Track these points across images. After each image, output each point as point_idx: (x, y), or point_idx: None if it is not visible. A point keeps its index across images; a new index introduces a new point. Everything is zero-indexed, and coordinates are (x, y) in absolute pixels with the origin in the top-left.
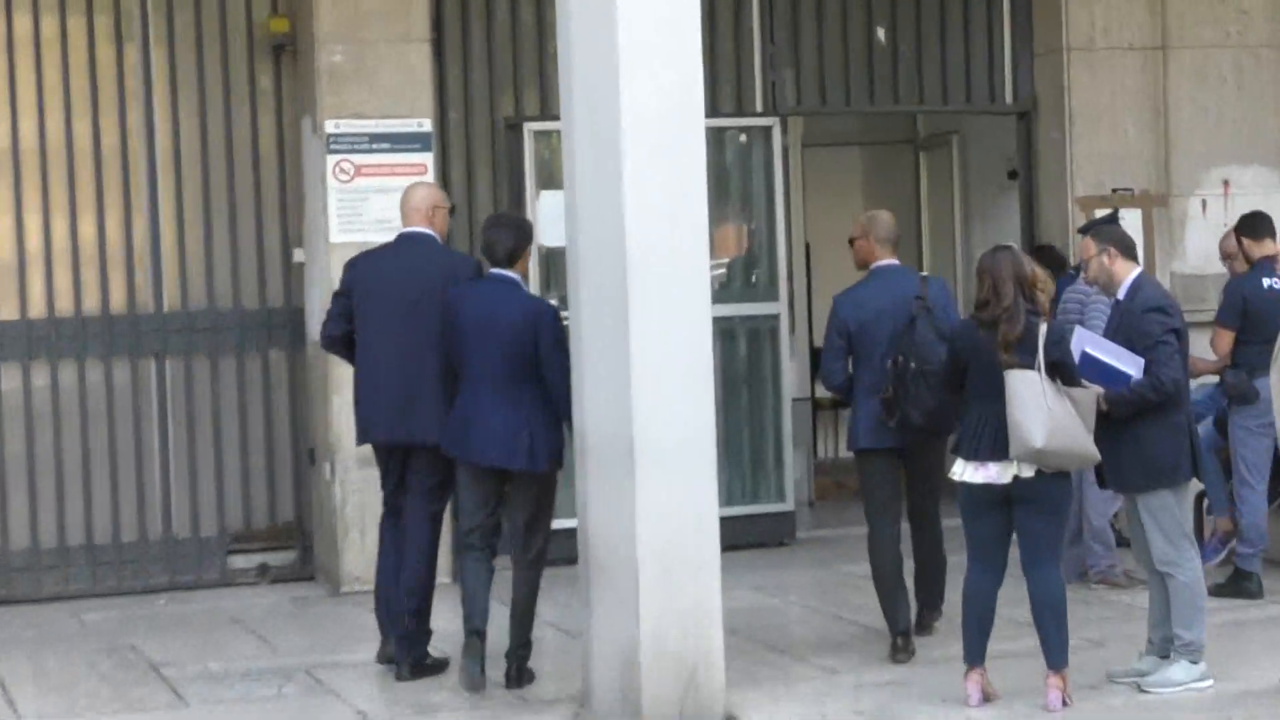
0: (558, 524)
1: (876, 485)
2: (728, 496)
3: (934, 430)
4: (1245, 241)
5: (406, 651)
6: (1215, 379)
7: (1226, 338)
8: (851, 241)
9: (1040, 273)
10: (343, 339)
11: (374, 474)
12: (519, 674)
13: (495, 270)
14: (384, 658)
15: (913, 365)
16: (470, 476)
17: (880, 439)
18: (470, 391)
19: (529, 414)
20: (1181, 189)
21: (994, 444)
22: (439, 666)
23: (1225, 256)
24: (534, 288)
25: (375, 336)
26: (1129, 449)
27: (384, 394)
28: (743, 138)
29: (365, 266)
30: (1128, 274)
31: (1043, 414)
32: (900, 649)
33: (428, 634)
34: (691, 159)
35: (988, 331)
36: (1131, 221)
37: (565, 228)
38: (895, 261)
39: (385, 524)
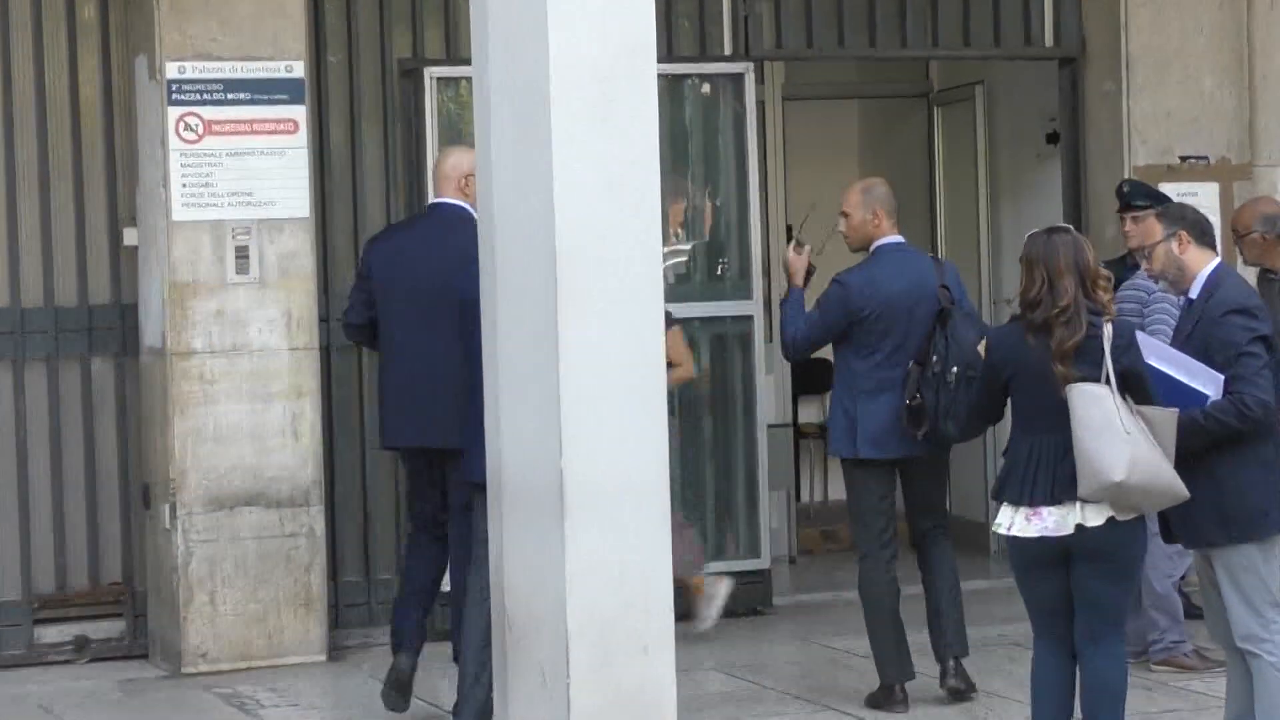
0: None
1: (874, 503)
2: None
3: (975, 434)
4: None
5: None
6: None
7: None
8: (844, 215)
9: (1101, 268)
10: (367, 328)
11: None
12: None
13: None
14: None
15: (954, 370)
16: None
17: (887, 448)
18: None
19: None
20: (1271, 157)
21: (1051, 484)
22: None
23: None
24: None
25: (398, 329)
26: (1204, 491)
27: (409, 395)
28: (706, 89)
29: (385, 246)
30: (1204, 265)
31: (1119, 439)
32: (898, 700)
33: None
34: (641, 116)
35: (1038, 338)
36: (1206, 198)
37: (477, 204)
38: (901, 239)
39: (414, 541)
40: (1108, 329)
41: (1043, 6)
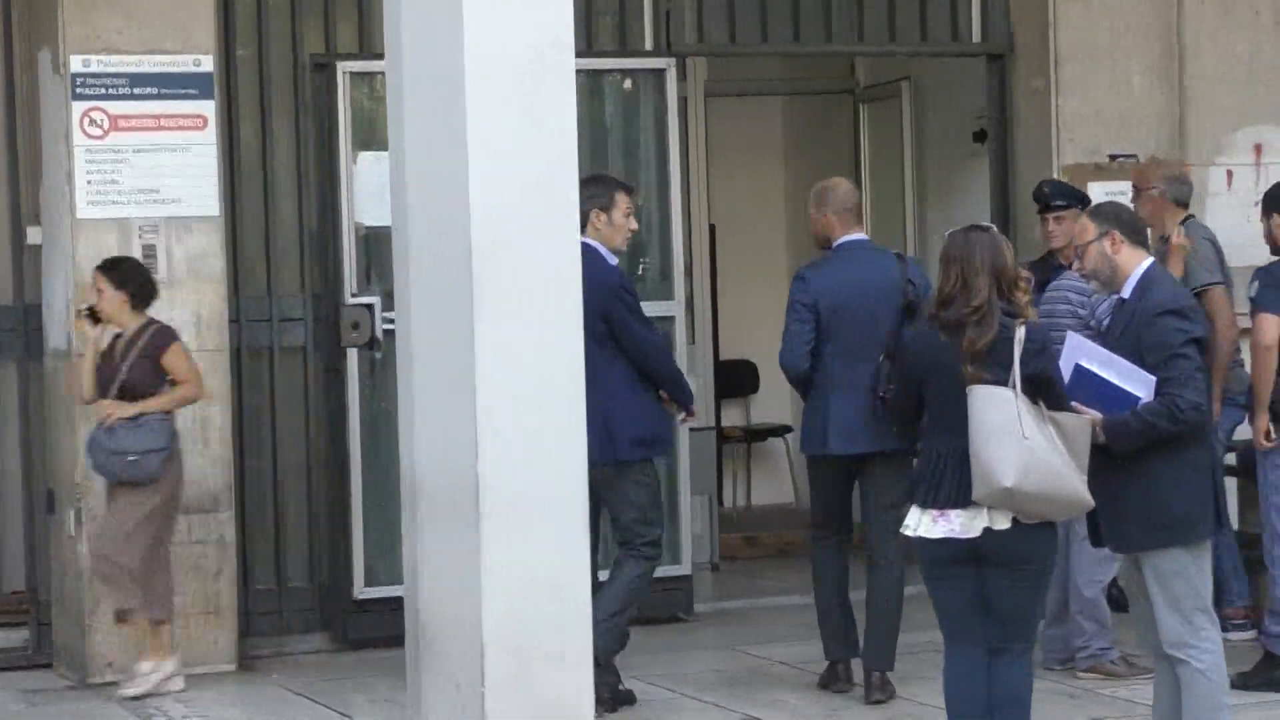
0: (377, 593)
1: (833, 496)
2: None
3: (902, 436)
4: (1277, 220)
5: None
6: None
7: (1273, 323)
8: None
9: (1020, 269)
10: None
11: None
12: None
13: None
14: None
15: None
16: None
17: (853, 443)
18: None
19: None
20: (1201, 156)
21: (958, 486)
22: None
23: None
24: (347, 279)
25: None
26: (1133, 495)
27: None
28: (628, 84)
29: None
30: (1136, 265)
31: (1015, 443)
32: (841, 678)
33: None
34: (559, 113)
35: (951, 338)
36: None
37: (391, 202)
38: (863, 236)
39: None
40: (1020, 331)
41: (970, 2)
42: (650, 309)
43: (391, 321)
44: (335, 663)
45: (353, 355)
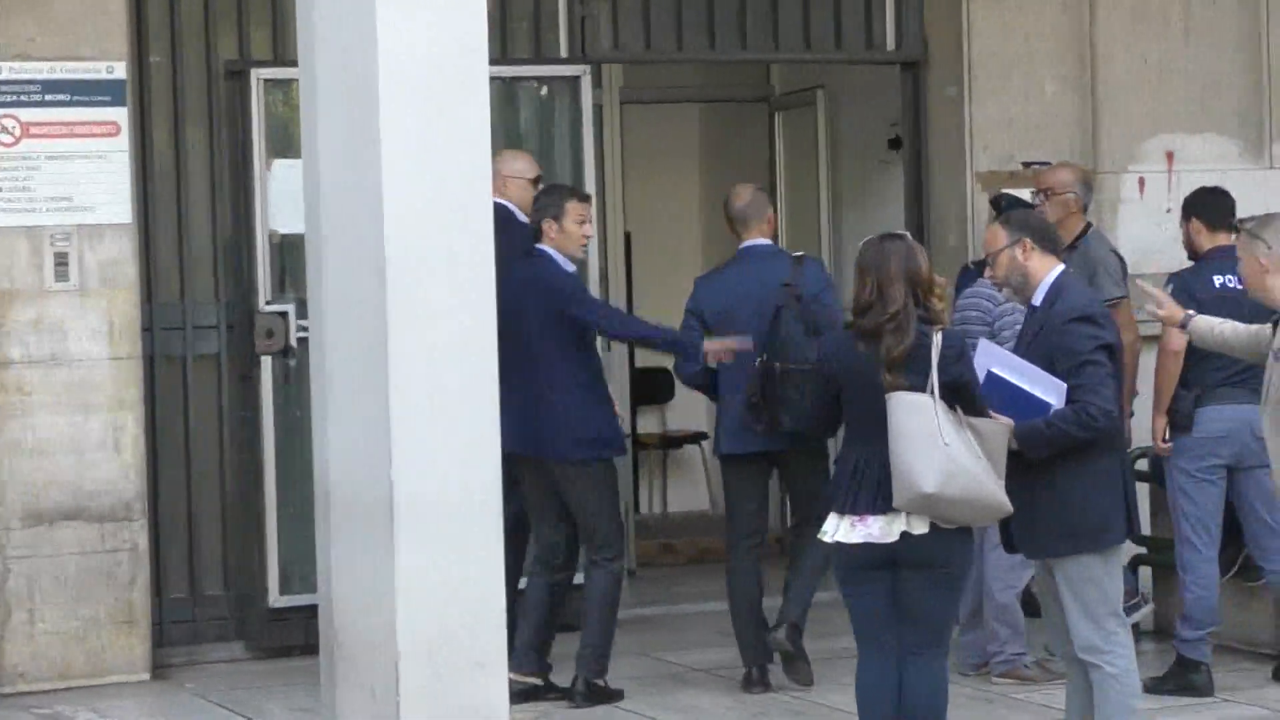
0: (292, 601)
1: (739, 497)
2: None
3: (812, 435)
4: (1195, 225)
5: None
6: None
7: (1179, 340)
8: None
9: (936, 275)
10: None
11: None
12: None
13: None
14: None
15: (777, 365)
16: None
17: (745, 443)
18: None
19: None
20: (1114, 163)
21: (877, 492)
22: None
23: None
24: (262, 286)
25: None
26: (1045, 501)
27: None
28: (543, 91)
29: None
30: (1047, 272)
31: (936, 450)
32: (755, 681)
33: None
34: (473, 120)
35: (868, 346)
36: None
37: (304, 209)
38: (765, 241)
39: None
40: (937, 338)
41: (885, 10)
42: None
43: (306, 329)
44: (250, 671)
45: (267, 363)
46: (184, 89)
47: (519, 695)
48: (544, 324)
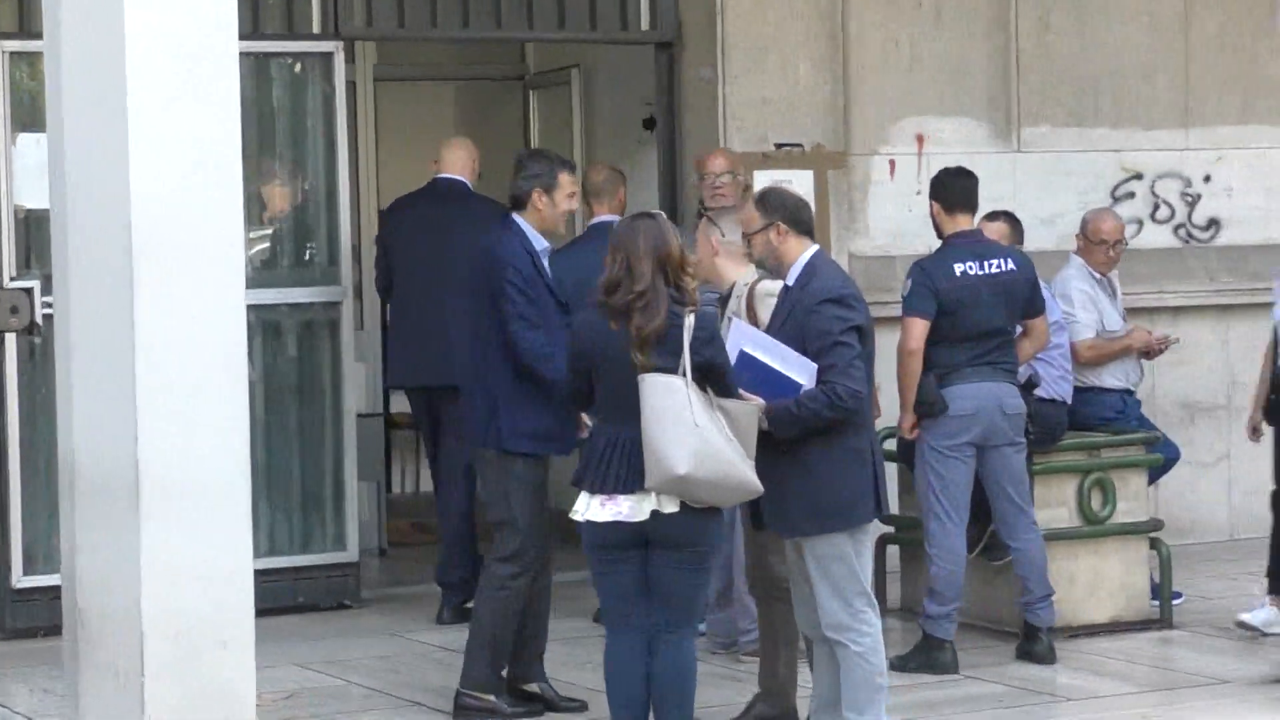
0: (36, 581)
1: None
2: (269, 545)
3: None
4: (935, 207)
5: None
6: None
7: (919, 327)
8: None
9: (689, 255)
10: None
11: None
12: None
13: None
14: None
15: None
16: None
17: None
18: None
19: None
20: (865, 145)
21: (627, 471)
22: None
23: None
24: (6, 262)
25: None
26: (795, 480)
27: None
28: (296, 68)
29: None
30: (800, 254)
31: (688, 432)
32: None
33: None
34: (223, 96)
35: (619, 325)
36: (801, 185)
37: (49, 186)
38: (614, 217)
39: None
40: (689, 319)
41: None
42: (316, 294)
43: (51, 306)
44: None
45: (11, 340)
46: None
47: None
48: (488, 299)
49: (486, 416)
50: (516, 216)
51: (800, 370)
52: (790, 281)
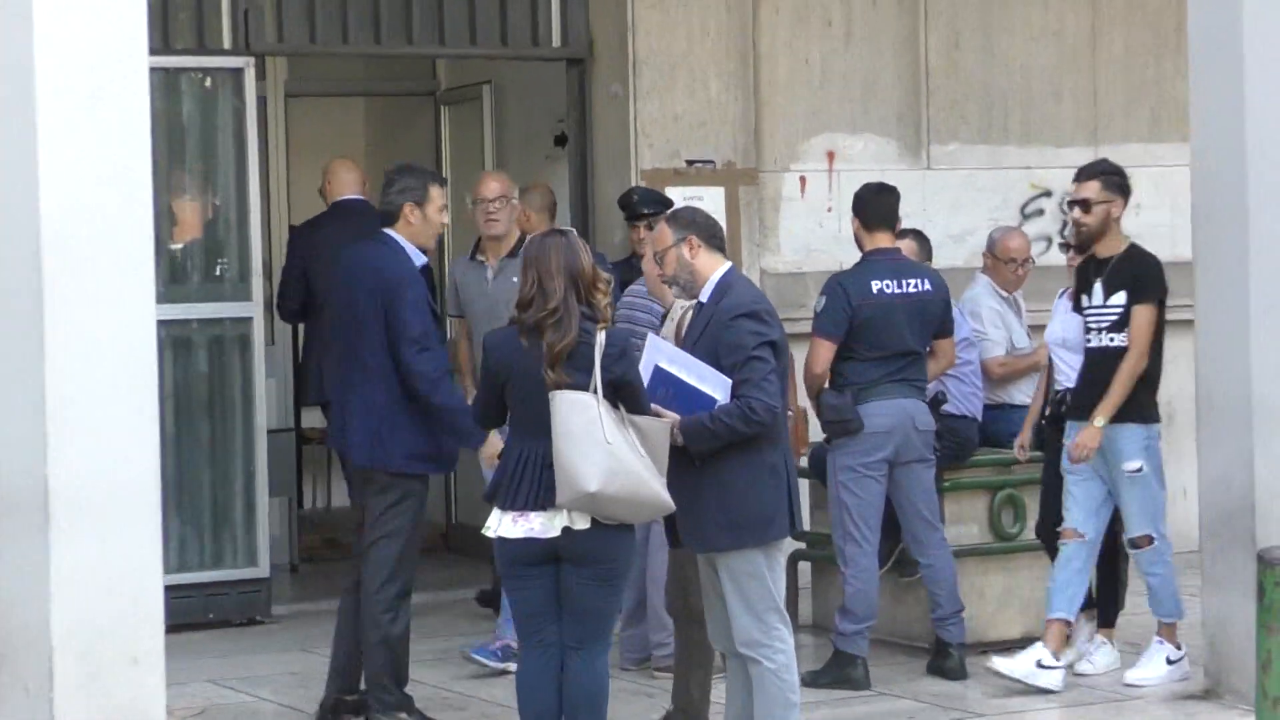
0: None
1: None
2: (179, 561)
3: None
4: (855, 223)
5: None
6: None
7: (826, 349)
8: None
9: (600, 271)
10: None
11: None
12: None
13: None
14: None
15: None
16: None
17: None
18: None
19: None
20: (776, 162)
21: (538, 488)
22: None
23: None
24: None
25: None
26: (709, 495)
27: None
28: (206, 83)
29: None
30: (714, 270)
31: (598, 449)
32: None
33: None
34: (133, 111)
35: (531, 341)
36: (712, 202)
37: None
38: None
39: None
40: (600, 336)
41: (550, 7)
42: (227, 309)
43: None
44: None
45: None
46: None
47: None
48: (373, 316)
49: (370, 437)
50: (390, 231)
51: (715, 385)
52: (704, 298)
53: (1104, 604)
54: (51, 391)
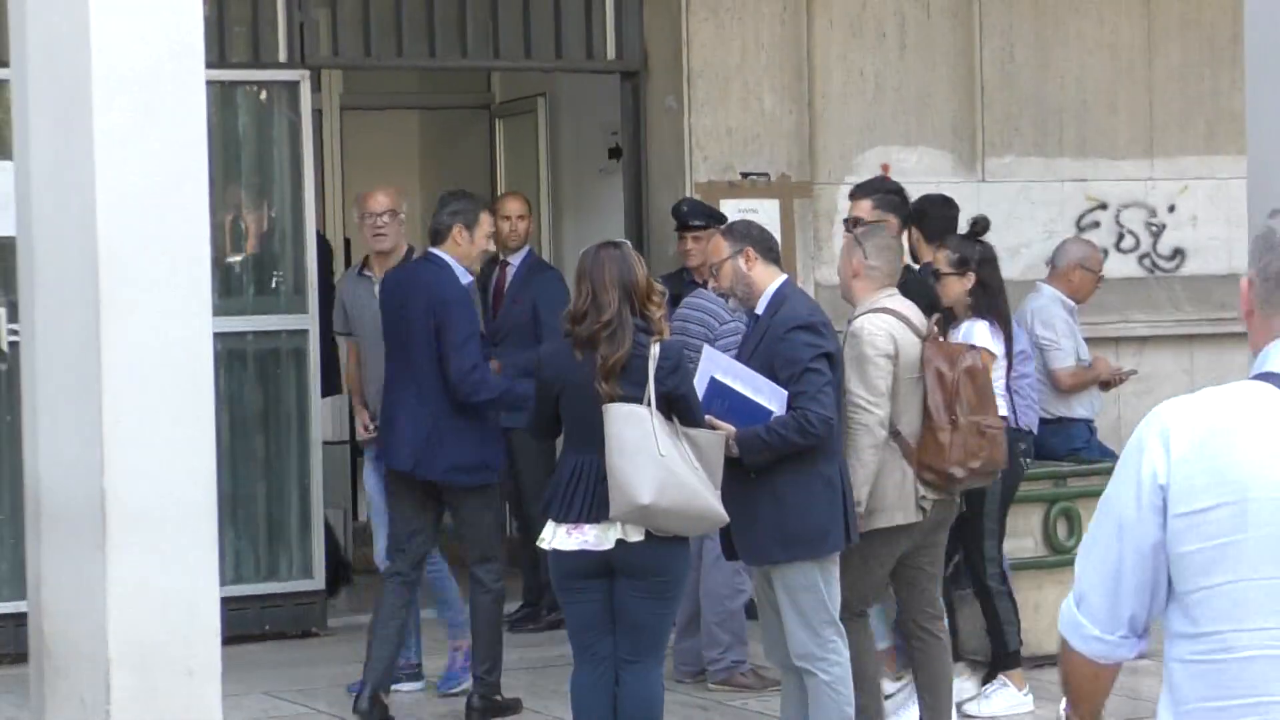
0: (2, 609)
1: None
2: (235, 573)
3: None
4: (915, 235)
5: None
6: None
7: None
8: None
9: (655, 283)
10: None
11: None
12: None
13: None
14: None
15: None
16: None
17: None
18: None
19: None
20: (830, 174)
21: (592, 501)
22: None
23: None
24: None
25: None
26: (766, 509)
27: None
28: (262, 96)
29: None
30: (770, 282)
31: (651, 461)
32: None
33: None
34: (189, 124)
35: (585, 354)
36: (766, 215)
37: (16, 213)
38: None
39: None
40: (654, 349)
41: (605, 20)
42: (282, 322)
43: (18, 333)
44: None
45: None
46: None
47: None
48: (426, 336)
49: (424, 451)
50: (437, 250)
51: (771, 397)
52: (760, 310)
53: None
54: (108, 405)
